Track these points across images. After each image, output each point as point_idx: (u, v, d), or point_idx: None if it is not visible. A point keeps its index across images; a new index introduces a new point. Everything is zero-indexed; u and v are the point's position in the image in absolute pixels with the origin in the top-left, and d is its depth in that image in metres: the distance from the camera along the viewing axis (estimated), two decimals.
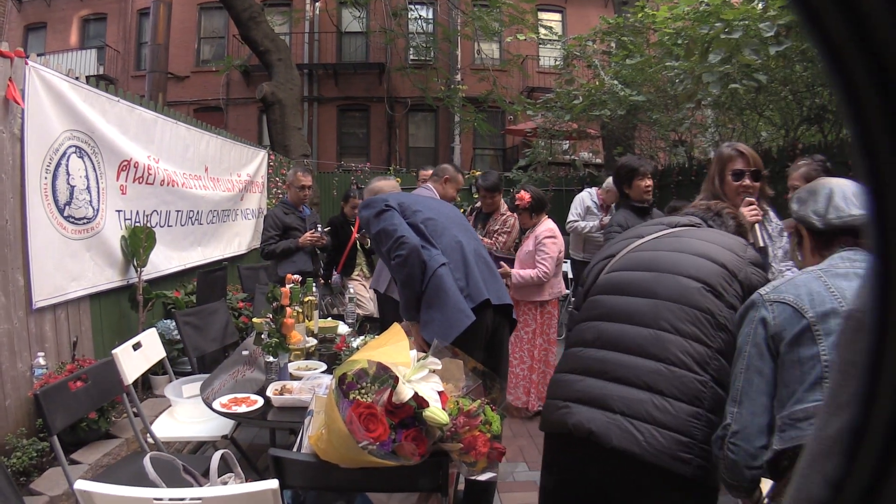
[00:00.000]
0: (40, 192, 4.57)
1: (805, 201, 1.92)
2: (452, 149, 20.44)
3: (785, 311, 1.68)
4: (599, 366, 2.12)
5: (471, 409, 2.20)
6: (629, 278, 2.25)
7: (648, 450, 1.90)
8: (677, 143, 10.78)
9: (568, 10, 21.92)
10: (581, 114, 10.33)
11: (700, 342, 1.98)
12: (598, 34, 11.04)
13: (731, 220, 2.46)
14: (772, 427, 1.67)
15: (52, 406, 2.93)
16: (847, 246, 1.79)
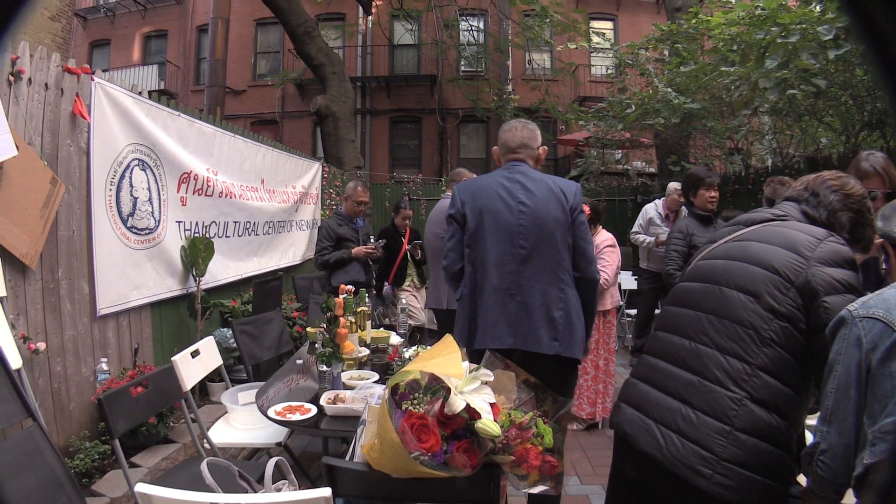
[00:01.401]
0: (105, 203, 4.72)
1: (890, 218, 1.88)
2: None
3: (875, 326, 1.63)
4: (650, 373, 2.16)
5: (523, 421, 2.19)
6: (686, 289, 2.23)
7: (668, 456, 1.92)
8: (733, 152, 10.57)
9: (620, 18, 21.75)
10: (634, 122, 10.22)
11: (738, 358, 1.92)
12: (650, 41, 10.91)
13: (833, 195, 2.16)
14: (860, 445, 1.64)
15: (114, 410, 3.02)
16: None
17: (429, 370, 2.13)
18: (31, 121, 4.02)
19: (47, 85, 4.18)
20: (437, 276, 5.00)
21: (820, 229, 2.06)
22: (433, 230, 5.05)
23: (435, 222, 5.05)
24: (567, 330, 3.10)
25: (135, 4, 22.63)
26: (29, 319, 3.98)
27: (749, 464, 1.84)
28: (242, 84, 21.69)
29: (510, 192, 3.20)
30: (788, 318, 1.91)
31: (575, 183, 3.32)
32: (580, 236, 3.19)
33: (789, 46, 6.20)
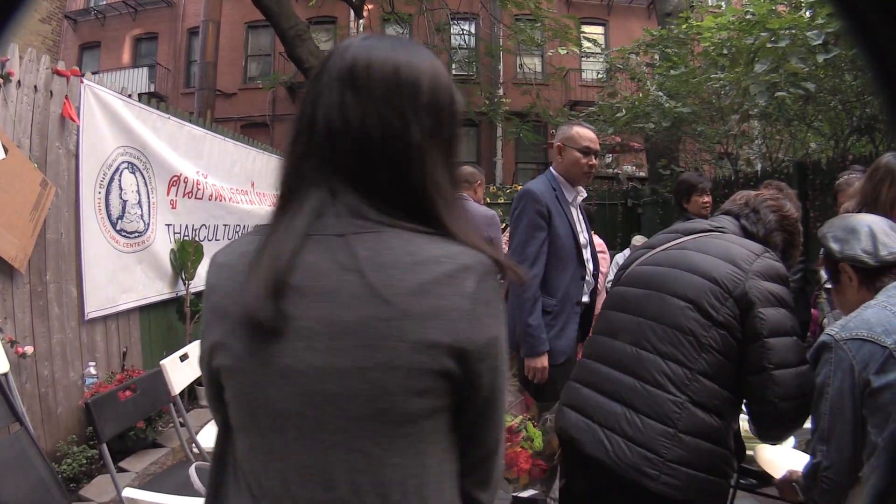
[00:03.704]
0: (94, 206, 4.70)
1: (847, 240, 1.99)
2: (494, 163, 20.44)
3: (863, 347, 1.75)
4: (591, 377, 2.17)
5: (512, 425, 2.20)
6: (625, 294, 2.25)
7: (615, 460, 1.95)
8: (723, 156, 10.62)
9: (611, 23, 21.81)
10: (624, 127, 10.26)
11: (679, 363, 1.97)
12: (641, 46, 10.96)
13: (772, 215, 2.29)
14: (859, 458, 1.76)
15: (102, 415, 3.01)
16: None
17: None
18: (20, 123, 4.00)
19: (36, 87, 4.16)
20: None
21: (756, 245, 2.15)
22: None
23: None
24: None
25: (125, 7, 22.52)
26: (16, 323, 3.96)
27: (693, 463, 1.92)
28: (233, 87, 21.64)
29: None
30: (725, 326, 1.98)
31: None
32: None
33: (779, 51, 6.24)
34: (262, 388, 0.96)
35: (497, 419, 1.05)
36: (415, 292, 0.91)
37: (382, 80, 0.97)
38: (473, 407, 1.00)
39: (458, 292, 0.93)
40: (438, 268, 0.93)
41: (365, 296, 0.91)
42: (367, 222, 0.95)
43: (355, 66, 0.99)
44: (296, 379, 0.93)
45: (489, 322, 0.96)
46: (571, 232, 3.36)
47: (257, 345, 0.95)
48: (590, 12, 21.38)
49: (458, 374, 0.94)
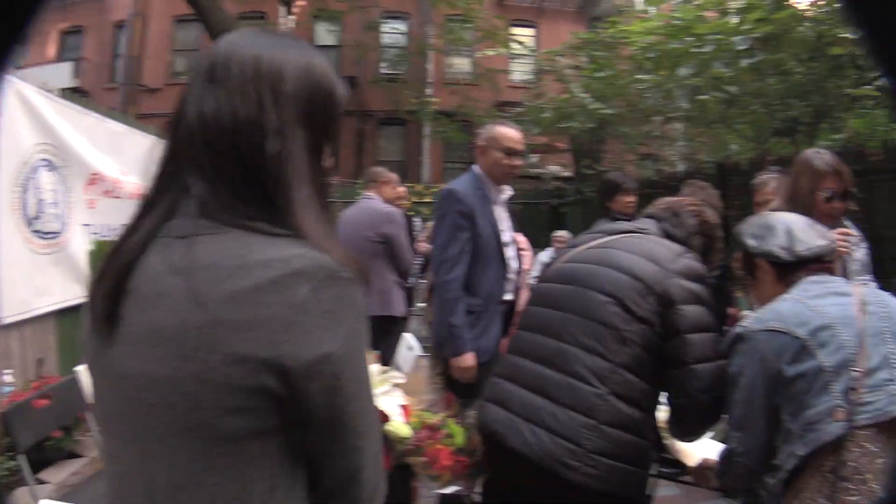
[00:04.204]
0: (10, 206, 4.53)
1: (763, 237, 2.08)
2: (421, 162, 20.45)
3: (776, 338, 1.84)
4: (515, 372, 2.20)
5: (434, 422, 2.23)
6: (550, 290, 2.31)
7: (537, 452, 1.98)
8: (646, 157, 10.89)
9: (541, 26, 22.02)
10: (550, 127, 10.41)
11: (601, 356, 2.03)
12: (569, 49, 11.14)
13: (692, 220, 2.37)
14: (772, 444, 1.85)
15: (18, 424, 2.91)
16: (813, 272, 2.00)
17: None
18: None
19: None
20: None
21: (677, 245, 2.23)
22: (360, 232, 4.99)
23: (365, 225, 5.01)
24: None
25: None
26: None
27: (614, 454, 1.97)
28: (159, 82, 21.01)
29: None
30: (646, 321, 2.04)
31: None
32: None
33: (703, 55, 6.44)
34: (101, 391, 0.95)
35: (349, 446, 0.94)
36: (232, 299, 0.85)
37: (241, 70, 0.94)
38: (312, 432, 0.92)
39: (283, 301, 0.86)
40: (265, 273, 0.86)
41: (185, 301, 0.87)
42: (211, 222, 0.90)
43: (216, 60, 0.96)
44: (123, 385, 0.91)
45: (322, 336, 0.88)
46: (494, 231, 3.39)
47: (99, 348, 0.93)
48: (521, 14, 21.56)
49: (283, 394, 0.87)
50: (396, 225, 5.00)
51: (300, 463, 0.95)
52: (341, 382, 0.90)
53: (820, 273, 2.00)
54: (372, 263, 4.88)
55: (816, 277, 1.98)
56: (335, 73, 1.05)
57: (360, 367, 0.95)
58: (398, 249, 4.97)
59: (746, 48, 6.15)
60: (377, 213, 5.00)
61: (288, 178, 0.94)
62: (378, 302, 4.88)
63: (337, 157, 1.08)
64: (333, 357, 0.89)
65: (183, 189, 0.94)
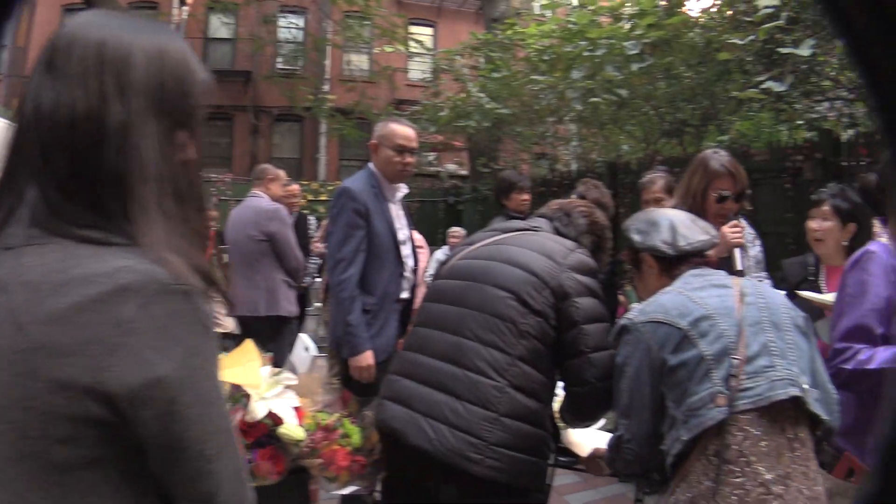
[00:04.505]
0: None
1: (648, 232, 2.14)
2: (317, 159, 20.23)
3: (659, 329, 1.89)
4: (412, 368, 2.20)
5: (329, 423, 2.17)
6: (447, 286, 2.33)
7: (439, 448, 1.98)
8: (540, 156, 11.09)
9: (440, 25, 22.17)
10: (446, 125, 10.47)
11: (498, 349, 2.06)
12: (466, 49, 11.22)
13: (583, 220, 2.46)
14: (658, 430, 1.90)
15: None
16: (695, 265, 2.07)
17: (227, 379, 2.05)
18: None
19: None
20: (248, 279, 4.82)
21: (569, 241, 2.31)
22: (244, 231, 4.85)
23: (249, 223, 4.86)
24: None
25: None
26: None
27: (514, 445, 2.00)
28: None
29: None
30: (542, 314, 2.10)
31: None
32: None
33: (596, 59, 6.60)
34: None
35: (199, 471, 0.86)
36: (52, 321, 0.77)
37: (82, 58, 0.85)
38: (154, 459, 0.85)
39: (107, 320, 0.78)
40: (87, 289, 0.78)
41: (5, 323, 0.78)
42: (40, 231, 0.82)
43: (57, 47, 0.87)
44: None
45: (152, 358, 0.80)
46: (390, 229, 3.36)
47: None
48: (420, 13, 21.61)
49: (113, 421, 0.80)
50: (281, 222, 4.90)
51: (150, 489, 0.87)
52: (178, 407, 0.82)
53: (701, 266, 2.08)
54: (258, 262, 4.77)
55: (698, 271, 2.06)
56: (195, 58, 0.95)
57: (204, 388, 0.87)
58: (283, 247, 4.87)
59: (637, 52, 6.35)
60: (261, 210, 4.88)
61: (129, 177, 0.85)
62: (265, 301, 4.78)
63: (199, 149, 0.97)
64: (167, 381, 0.81)
65: (19, 193, 0.84)
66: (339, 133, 15.24)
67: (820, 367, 1.96)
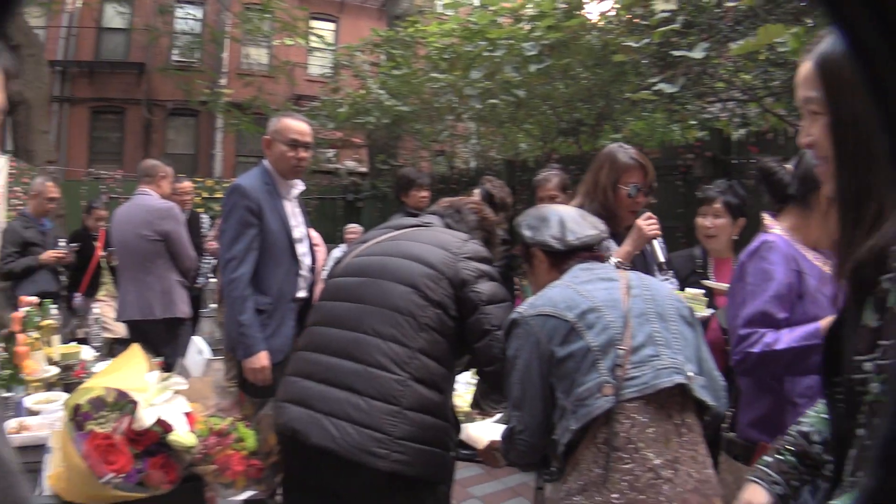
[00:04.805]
0: None
1: (538, 228, 2.20)
2: (213, 156, 19.66)
3: (548, 322, 1.93)
4: (310, 368, 2.21)
5: (222, 427, 2.13)
6: (342, 284, 2.34)
7: (343, 446, 2.00)
8: (440, 153, 11.18)
9: (342, 21, 21.92)
10: (345, 122, 10.40)
11: (399, 343, 2.10)
12: (367, 45, 11.18)
13: (473, 216, 2.54)
14: (550, 420, 1.95)
15: None
16: (583, 260, 2.14)
17: (112, 385, 1.99)
18: None
19: None
20: (141, 281, 4.65)
21: (462, 233, 2.40)
22: (137, 231, 4.68)
23: (140, 222, 4.69)
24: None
25: None
26: None
27: (419, 438, 2.04)
28: None
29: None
30: (441, 305, 2.15)
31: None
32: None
33: (495, 59, 6.70)
34: None
35: None
36: None
37: None
38: None
39: None
40: None
41: None
42: None
43: None
44: None
45: None
46: (284, 227, 3.32)
47: None
48: (322, 8, 21.27)
49: None
50: (175, 221, 4.77)
51: None
52: None
53: (590, 261, 2.15)
54: (152, 264, 4.63)
55: (586, 265, 2.12)
56: None
57: None
58: (178, 247, 4.75)
59: (536, 54, 6.48)
60: (154, 209, 4.72)
61: None
62: (161, 303, 4.64)
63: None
64: None
65: None
66: (236, 129, 14.83)
67: (706, 356, 2.05)
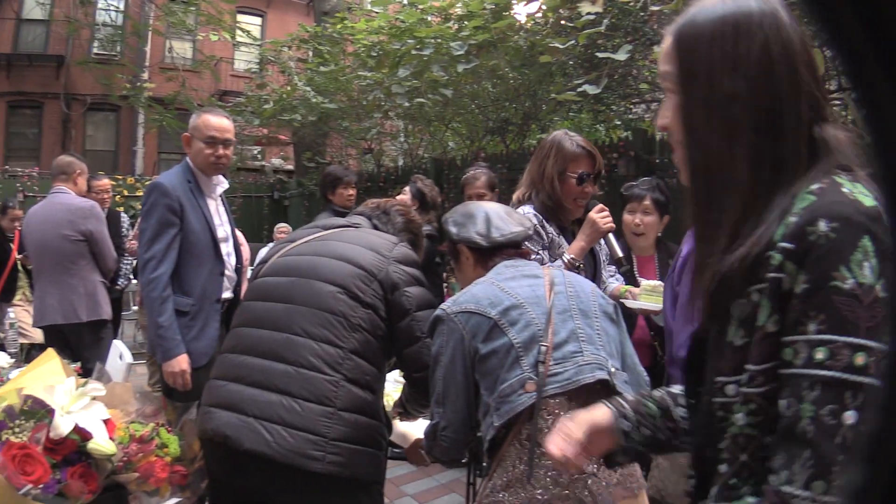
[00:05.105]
0: None
1: (464, 224, 2.22)
2: (134, 152, 19.14)
3: (471, 318, 1.95)
4: (239, 371, 2.17)
5: (143, 434, 2.09)
6: (271, 284, 2.32)
7: (278, 450, 1.98)
8: (367, 151, 11.14)
9: (269, 16, 21.67)
10: (271, 119, 10.26)
11: (331, 344, 2.10)
12: (294, 41, 11.05)
13: (400, 218, 2.56)
14: (474, 417, 1.97)
15: None
16: (509, 256, 2.16)
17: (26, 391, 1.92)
18: None
19: None
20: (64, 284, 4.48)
21: (392, 236, 2.42)
22: (58, 231, 4.49)
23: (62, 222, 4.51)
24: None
25: None
26: None
27: (354, 438, 2.04)
28: None
29: None
30: (372, 307, 2.17)
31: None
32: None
33: (423, 58, 6.71)
34: None
35: None
36: None
37: None
38: None
39: None
40: None
41: None
42: None
43: None
44: None
45: None
46: (208, 226, 3.25)
47: None
48: (248, 2, 20.90)
49: None
50: (97, 220, 4.63)
51: None
52: None
53: (515, 258, 2.18)
54: (74, 265, 4.48)
55: (511, 261, 2.15)
56: None
57: None
58: (101, 247, 4.62)
59: (463, 53, 6.51)
60: (76, 208, 4.56)
61: None
62: (87, 306, 4.49)
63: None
64: None
65: None
66: (158, 124, 14.43)
67: (629, 351, 2.11)
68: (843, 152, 0.97)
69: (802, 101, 0.97)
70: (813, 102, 0.98)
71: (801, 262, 0.90)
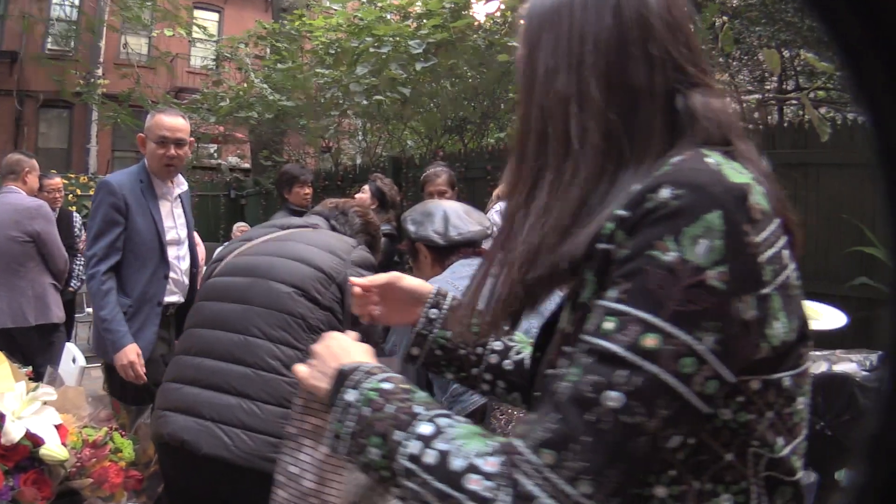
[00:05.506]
0: None
1: (422, 223, 2.24)
2: (88, 150, 18.73)
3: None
4: (194, 373, 2.15)
5: (96, 438, 2.07)
6: (226, 284, 2.30)
7: (238, 453, 1.97)
8: (326, 149, 11.11)
9: (226, 11, 21.31)
10: (228, 116, 10.17)
11: (290, 346, 2.08)
12: (252, 37, 10.95)
13: (358, 219, 2.55)
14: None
15: None
16: (467, 255, 2.17)
17: None
18: None
19: None
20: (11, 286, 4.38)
21: (350, 238, 2.41)
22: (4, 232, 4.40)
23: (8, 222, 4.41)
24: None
25: None
26: None
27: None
28: None
29: None
30: (330, 308, 2.16)
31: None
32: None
33: (381, 56, 6.71)
34: None
35: None
36: None
37: None
38: None
39: None
40: None
41: None
42: None
43: None
44: None
45: None
46: (155, 228, 3.22)
47: None
48: None
49: None
50: (46, 220, 4.53)
51: None
52: None
53: (473, 256, 2.19)
54: (22, 267, 4.39)
55: (468, 260, 2.16)
56: None
57: None
58: (50, 248, 4.53)
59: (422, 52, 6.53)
60: (22, 207, 4.46)
61: None
62: (35, 309, 4.41)
63: None
64: None
65: None
66: (113, 122, 14.18)
67: None
68: (716, 122, 0.83)
69: (656, 68, 0.84)
70: (676, 69, 0.85)
71: (633, 230, 0.75)
